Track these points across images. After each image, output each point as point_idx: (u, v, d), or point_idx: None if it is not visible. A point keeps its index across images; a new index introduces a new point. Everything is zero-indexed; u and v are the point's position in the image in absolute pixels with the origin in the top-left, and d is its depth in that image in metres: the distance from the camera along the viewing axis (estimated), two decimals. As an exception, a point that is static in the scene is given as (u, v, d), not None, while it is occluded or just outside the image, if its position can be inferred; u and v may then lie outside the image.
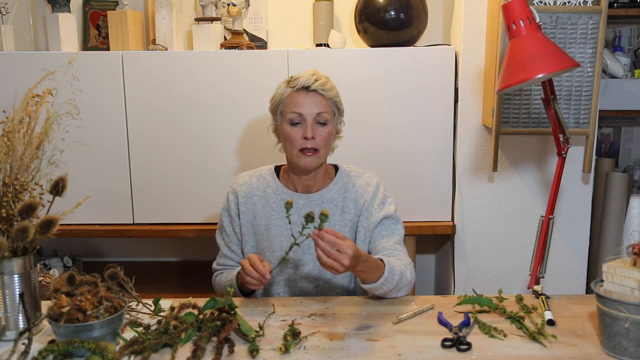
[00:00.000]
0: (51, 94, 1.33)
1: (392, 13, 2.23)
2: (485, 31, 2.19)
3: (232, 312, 1.30)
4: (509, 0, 1.49)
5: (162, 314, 1.37)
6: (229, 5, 2.37)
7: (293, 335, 1.25)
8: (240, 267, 1.50)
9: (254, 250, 1.64)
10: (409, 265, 1.51)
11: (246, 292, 1.55)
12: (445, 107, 2.26)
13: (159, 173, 2.33)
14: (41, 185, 1.32)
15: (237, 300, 1.40)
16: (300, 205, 1.60)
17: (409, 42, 2.31)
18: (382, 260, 1.41)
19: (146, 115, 2.29)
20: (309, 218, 1.26)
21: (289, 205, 1.31)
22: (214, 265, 1.71)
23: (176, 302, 1.34)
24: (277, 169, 1.69)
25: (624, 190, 2.36)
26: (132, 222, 2.37)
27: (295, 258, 1.60)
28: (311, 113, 1.52)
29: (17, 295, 1.26)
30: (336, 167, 1.69)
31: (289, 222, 1.33)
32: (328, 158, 1.67)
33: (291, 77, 1.57)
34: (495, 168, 2.09)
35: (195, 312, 1.29)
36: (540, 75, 1.42)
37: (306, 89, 1.53)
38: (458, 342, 1.22)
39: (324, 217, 1.25)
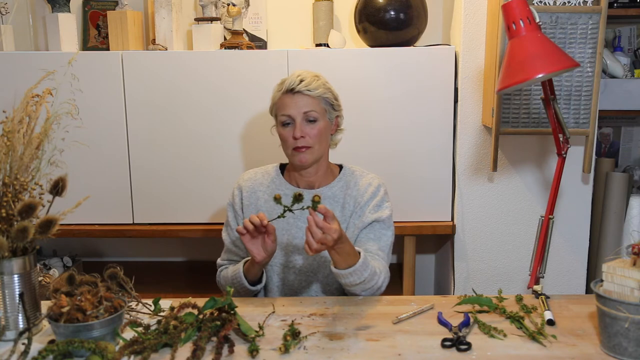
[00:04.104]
0: (51, 94, 1.33)
1: (392, 13, 2.23)
2: (485, 31, 2.19)
3: (232, 312, 1.30)
4: (509, 0, 1.49)
5: (162, 314, 1.37)
6: (228, 5, 2.37)
7: (293, 335, 1.25)
8: (244, 260, 1.56)
9: None
10: (384, 273, 1.53)
11: (253, 280, 1.56)
12: (445, 107, 2.26)
13: (159, 173, 2.33)
14: (41, 185, 1.32)
15: (237, 300, 1.40)
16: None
17: (409, 42, 2.31)
18: (360, 253, 1.44)
19: (146, 115, 2.29)
20: (299, 198, 1.32)
21: (278, 201, 1.35)
22: (219, 260, 1.73)
23: (176, 302, 1.34)
24: (282, 167, 1.74)
25: (623, 190, 2.36)
26: (132, 222, 2.37)
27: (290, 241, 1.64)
28: (299, 113, 1.57)
29: (17, 295, 1.26)
30: (341, 167, 1.73)
31: (284, 216, 1.38)
32: (333, 156, 1.71)
33: (281, 80, 1.62)
34: (495, 168, 2.08)
35: (195, 312, 1.29)
36: (540, 75, 1.42)
37: (291, 91, 1.57)
38: (458, 342, 1.22)
39: (317, 199, 1.30)
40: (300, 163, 1.59)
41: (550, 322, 1.32)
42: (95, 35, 2.57)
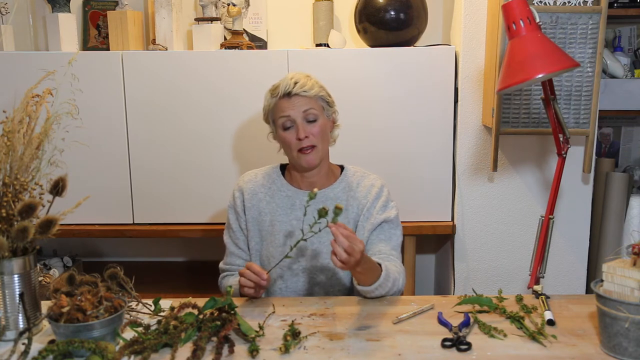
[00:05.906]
0: (51, 94, 1.33)
1: (392, 13, 2.23)
2: (485, 31, 2.19)
3: (232, 312, 1.30)
4: (509, 0, 1.49)
5: (162, 314, 1.37)
6: (229, 5, 2.37)
7: (293, 335, 1.25)
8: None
9: (259, 246, 1.67)
10: (402, 273, 1.55)
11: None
12: (445, 107, 2.26)
13: (159, 173, 2.33)
14: (41, 185, 1.32)
15: (237, 300, 1.40)
16: (304, 202, 1.61)
17: (409, 42, 2.31)
18: (380, 264, 1.44)
19: (146, 115, 2.29)
20: (322, 212, 1.27)
21: (312, 194, 1.31)
22: (221, 265, 1.73)
23: (176, 302, 1.34)
24: (282, 168, 1.73)
25: (623, 190, 2.36)
26: (132, 222, 2.37)
27: (311, 247, 1.61)
28: (299, 113, 1.57)
29: (17, 295, 1.26)
30: (342, 168, 1.72)
31: (304, 214, 1.37)
32: (333, 157, 1.70)
33: (273, 86, 1.62)
34: (495, 168, 2.08)
35: (195, 312, 1.29)
36: (540, 75, 1.42)
37: (288, 95, 1.58)
38: (458, 342, 1.22)
39: (338, 210, 1.26)
40: (308, 165, 1.59)
41: (551, 322, 1.32)
42: (95, 35, 2.57)
